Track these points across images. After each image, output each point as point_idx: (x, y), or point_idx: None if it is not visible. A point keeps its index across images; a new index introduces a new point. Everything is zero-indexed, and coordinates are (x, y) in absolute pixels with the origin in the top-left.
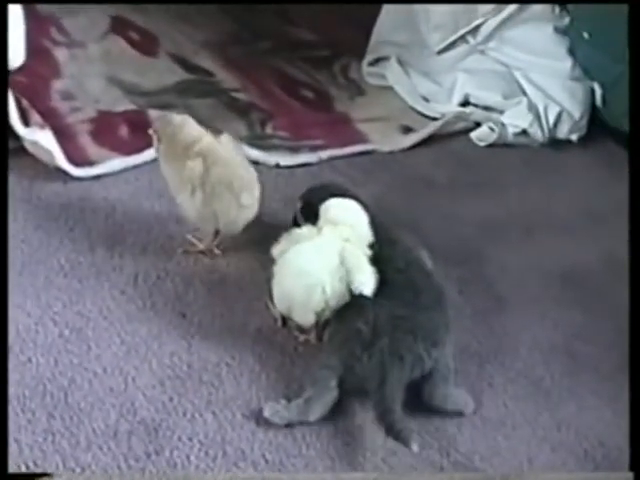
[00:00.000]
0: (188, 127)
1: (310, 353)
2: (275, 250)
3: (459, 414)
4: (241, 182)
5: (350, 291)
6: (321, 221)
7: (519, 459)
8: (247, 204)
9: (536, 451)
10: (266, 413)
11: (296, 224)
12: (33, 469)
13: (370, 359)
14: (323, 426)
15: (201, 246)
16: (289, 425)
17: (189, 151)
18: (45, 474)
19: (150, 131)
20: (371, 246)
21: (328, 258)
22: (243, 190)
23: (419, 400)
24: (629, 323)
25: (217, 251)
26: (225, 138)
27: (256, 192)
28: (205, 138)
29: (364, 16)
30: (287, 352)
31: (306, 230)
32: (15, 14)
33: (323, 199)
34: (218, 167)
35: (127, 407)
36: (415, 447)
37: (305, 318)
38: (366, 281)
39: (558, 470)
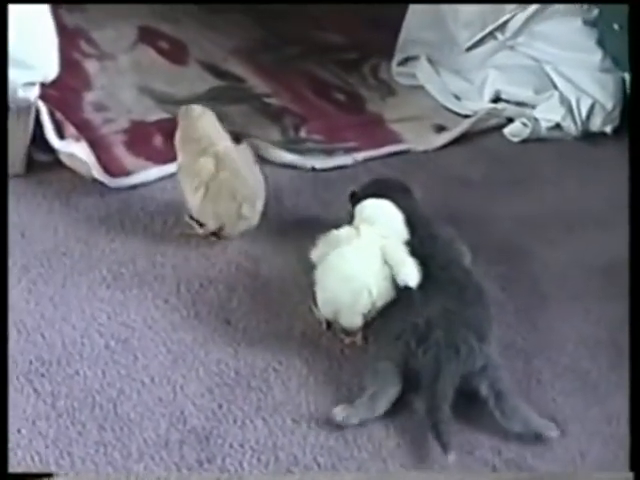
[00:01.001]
0: (206, 119)
1: (357, 355)
2: (314, 254)
3: (539, 437)
4: (245, 193)
5: (396, 286)
6: (356, 221)
7: (571, 455)
8: (247, 215)
9: (587, 446)
10: (338, 418)
11: (351, 220)
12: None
13: (425, 353)
14: (374, 428)
15: (200, 231)
16: (346, 426)
17: (205, 148)
18: (47, 474)
19: None
20: (409, 243)
21: (371, 260)
22: (245, 201)
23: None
24: (629, 325)
25: (213, 238)
26: (243, 147)
27: (259, 205)
28: (223, 142)
29: (391, 16)
30: (334, 355)
31: (343, 232)
32: (48, 27)
33: (375, 193)
34: (227, 173)
35: (177, 416)
36: (451, 456)
37: (352, 321)
38: (411, 273)
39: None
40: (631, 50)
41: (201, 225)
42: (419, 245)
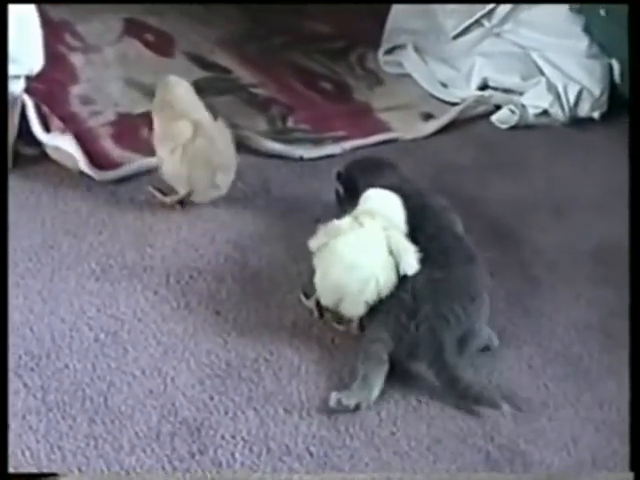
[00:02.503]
0: (182, 88)
1: (348, 344)
2: (313, 243)
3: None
4: (220, 162)
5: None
6: (358, 211)
7: (563, 440)
8: (219, 184)
9: (580, 431)
10: (332, 403)
11: (339, 199)
12: (78, 475)
13: (418, 327)
14: (366, 416)
15: (165, 200)
16: (343, 411)
17: (181, 114)
18: (52, 474)
19: None
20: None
21: (377, 249)
22: (219, 170)
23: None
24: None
25: (178, 206)
26: (221, 122)
27: (229, 178)
28: (201, 111)
29: (377, 6)
30: (325, 344)
31: (345, 222)
32: (32, 21)
33: (361, 171)
34: (203, 141)
35: (168, 408)
36: (506, 407)
37: (355, 310)
38: (411, 262)
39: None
40: (631, 50)
41: (164, 194)
42: (410, 217)
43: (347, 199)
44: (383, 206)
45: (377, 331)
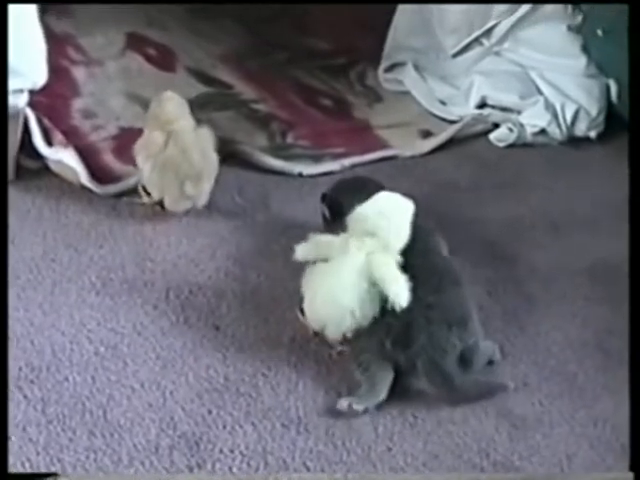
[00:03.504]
0: (174, 103)
1: (345, 360)
2: (300, 251)
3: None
4: (189, 171)
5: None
6: (349, 230)
7: (558, 457)
8: (190, 194)
9: (575, 448)
10: (342, 408)
11: (325, 222)
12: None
13: (411, 357)
14: (363, 431)
15: (145, 200)
16: (351, 416)
17: (163, 125)
18: (52, 474)
19: None
20: None
21: (358, 281)
22: (188, 179)
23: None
24: (629, 328)
25: (158, 208)
26: (204, 130)
27: (205, 185)
28: (181, 121)
29: (377, 23)
30: (322, 360)
31: (336, 242)
32: (36, 34)
33: (347, 192)
34: (174, 149)
35: (167, 422)
36: (511, 384)
37: (337, 337)
38: (400, 292)
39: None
40: (631, 50)
41: (149, 194)
42: None
43: (333, 221)
44: (384, 223)
45: (365, 344)
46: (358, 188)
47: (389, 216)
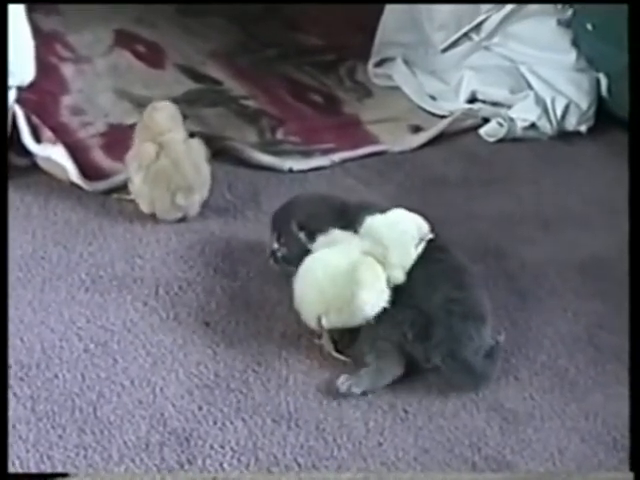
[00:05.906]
0: (165, 112)
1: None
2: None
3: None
4: (180, 183)
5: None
6: (359, 234)
7: (549, 451)
8: (181, 205)
9: (566, 442)
10: (342, 388)
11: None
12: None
13: (432, 350)
14: (354, 427)
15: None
16: (348, 396)
17: (153, 136)
18: (62, 474)
19: None
20: None
21: (337, 262)
22: (179, 190)
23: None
24: (629, 327)
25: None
26: (195, 142)
27: (196, 197)
28: (172, 134)
29: (367, 19)
30: (313, 355)
31: (343, 236)
32: (24, 31)
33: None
34: (166, 161)
35: (157, 418)
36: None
37: (309, 322)
38: (369, 301)
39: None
40: (631, 50)
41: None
42: None
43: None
44: (393, 236)
45: (387, 332)
46: (331, 209)
47: (399, 231)
